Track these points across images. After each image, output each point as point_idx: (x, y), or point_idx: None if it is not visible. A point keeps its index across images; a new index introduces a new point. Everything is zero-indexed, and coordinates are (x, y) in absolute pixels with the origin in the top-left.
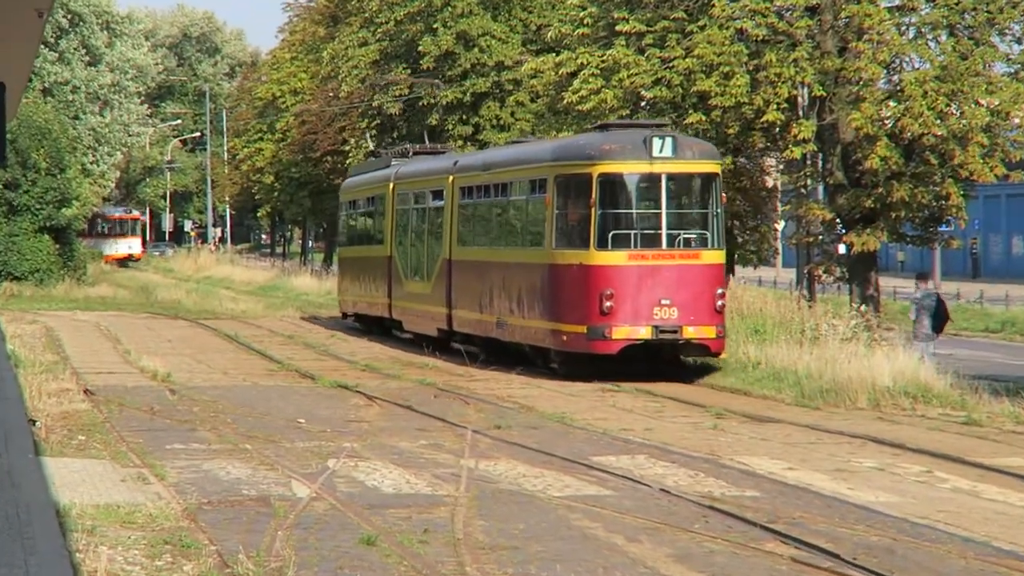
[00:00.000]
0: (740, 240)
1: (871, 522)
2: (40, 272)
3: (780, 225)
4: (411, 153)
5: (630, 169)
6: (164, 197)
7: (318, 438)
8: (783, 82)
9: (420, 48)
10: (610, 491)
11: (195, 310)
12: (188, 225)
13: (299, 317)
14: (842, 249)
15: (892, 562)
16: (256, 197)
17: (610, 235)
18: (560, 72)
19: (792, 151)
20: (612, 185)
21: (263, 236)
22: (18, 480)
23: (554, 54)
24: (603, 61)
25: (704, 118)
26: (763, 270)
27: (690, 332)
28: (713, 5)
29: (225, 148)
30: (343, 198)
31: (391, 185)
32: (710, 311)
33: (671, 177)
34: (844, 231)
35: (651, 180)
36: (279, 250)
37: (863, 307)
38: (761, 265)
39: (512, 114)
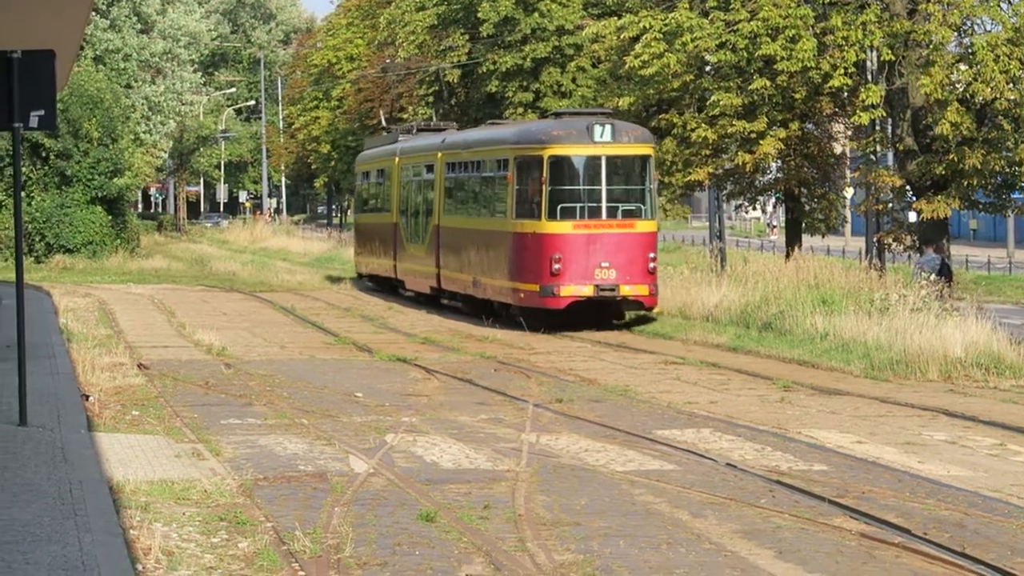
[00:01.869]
0: (807, 208)
1: (942, 496)
2: (93, 244)
3: (849, 192)
4: (415, 130)
5: (575, 152)
6: (218, 167)
7: (376, 412)
8: (850, 46)
9: (479, 14)
10: (674, 465)
11: (250, 282)
12: (243, 196)
13: (356, 289)
14: (912, 217)
15: (963, 537)
16: (312, 167)
17: (559, 208)
18: (622, 36)
19: (860, 117)
20: (560, 165)
21: (320, 206)
22: (71, 456)
23: (616, 18)
24: (666, 24)
25: (769, 83)
26: (831, 239)
27: (626, 290)
28: None
29: (280, 117)
30: (358, 169)
31: (397, 159)
32: (643, 272)
33: (610, 159)
34: (914, 198)
35: (593, 161)
36: (336, 221)
37: (933, 276)
38: (829, 233)
39: (573, 80)
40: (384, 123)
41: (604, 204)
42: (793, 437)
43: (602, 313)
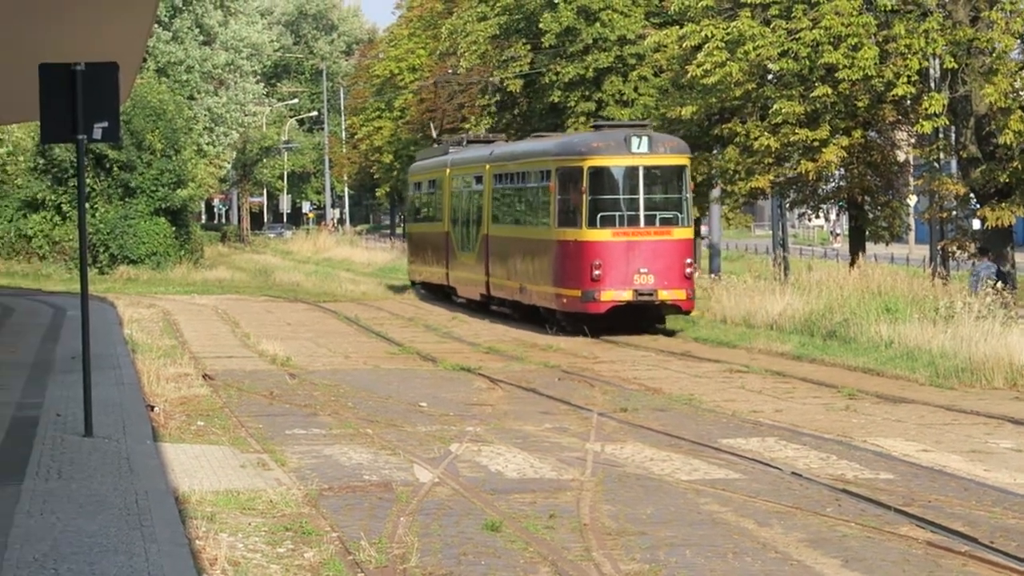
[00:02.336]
0: (871, 216)
1: (1008, 504)
2: (157, 255)
3: (912, 200)
4: (465, 142)
5: (614, 162)
6: (281, 178)
7: (440, 422)
8: (913, 54)
9: (540, 24)
10: (740, 474)
11: (314, 292)
12: (306, 206)
13: (419, 299)
14: (976, 224)
15: None
16: (375, 177)
17: (598, 216)
18: (684, 45)
19: (923, 125)
20: (599, 175)
21: (382, 216)
22: (137, 467)
23: (678, 27)
24: (728, 33)
25: (831, 91)
26: (895, 246)
27: (664, 295)
28: None
29: (343, 127)
30: (411, 180)
31: (448, 170)
32: (680, 277)
33: (647, 169)
34: (978, 206)
35: (631, 171)
36: (399, 231)
37: (999, 284)
38: (893, 241)
39: (635, 89)
40: (435, 135)
41: (642, 212)
42: (858, 445)
43: (641, 317)
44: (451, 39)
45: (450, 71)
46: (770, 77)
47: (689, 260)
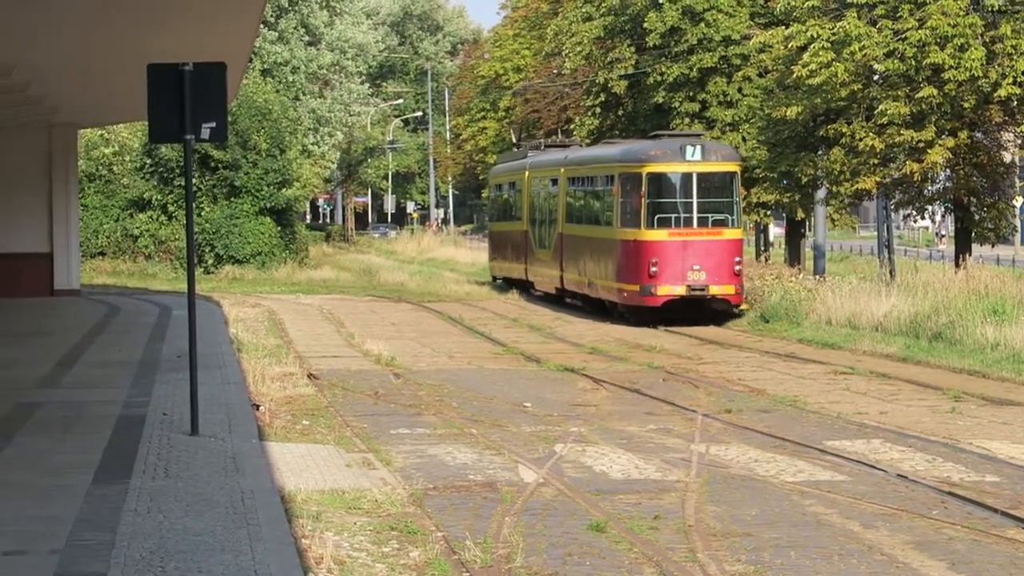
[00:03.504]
0: (977, 217)
1: None
2: (262, 255)
3: (1018, 201)
4: (543, 146)
5: (670, 169)
6: (386, 178)
7: (544, 422)
8: (1020, 54)
9: (645, 24)
10: (845, 476)
11: (418, 292)
12: (410, 206)
13: (523, 299)
14: None
15: None
16: (479, 177)
17: (656, 218)
18: (789, 46)
19: None
20: (657, 180)
21: (487, 217)
22: (242, 465)
23: (783, 27)
24: (834, 34)
25: (937, 92)
26: (1001, 248)
27: (715, 290)
28: None
29: (447, 127)
30: (491, 182)
31: (526, 173)
32: (730, 274)
33: (700, 175)
34: None
35: (685, 177)
36: None
37: None
38: (998, 243)
39: (740, 90)
40: (515, 140)
41: (695, 214)
42: (964, 448)
43: (696, 311)
44: (556, 40)
45: (555, 72)
46: (876, 78)
47: (738, 258)
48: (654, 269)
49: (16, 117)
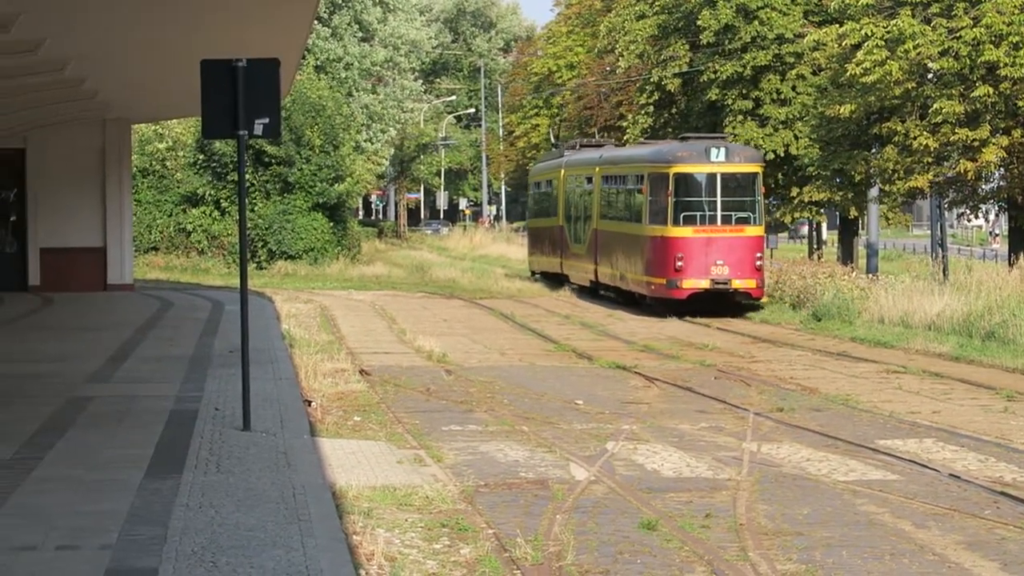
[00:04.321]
0: None
1: None
2: (314, 250)
3: None
4: (578, 146)
5: (695, 170)
6: (438, 174)
7: (596, 420)
8: None
9: (699, 22)
10: (897, 476)
11: (470, 289)
12: (463, 203)
13: (575, 296)
14: None
15: None
16: None
17: (682, 215)
18: (843, 44)
19: None
20: (683, 180)
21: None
22: (294, 461)
23: (837, 25)
24: (888, 32)
25: (992, 90)
26: None
27: (737, 284)
28: None
29: (500, 124)
30: (531, 180)
31: (562, 171)
32: (752, 269)
33: (724, 175)
34: None
35: (710, 177)
36: None
37: None
38: None
39: (793, 88)
40: (553, 141)
41: (719, 213)
42: (1017, 448)
43: (719, 303)
44: (609, 37)
45: (608, 69)
46: (930, 76)
47: (759, 254)
48: (680, 264)
49: (70, 112)
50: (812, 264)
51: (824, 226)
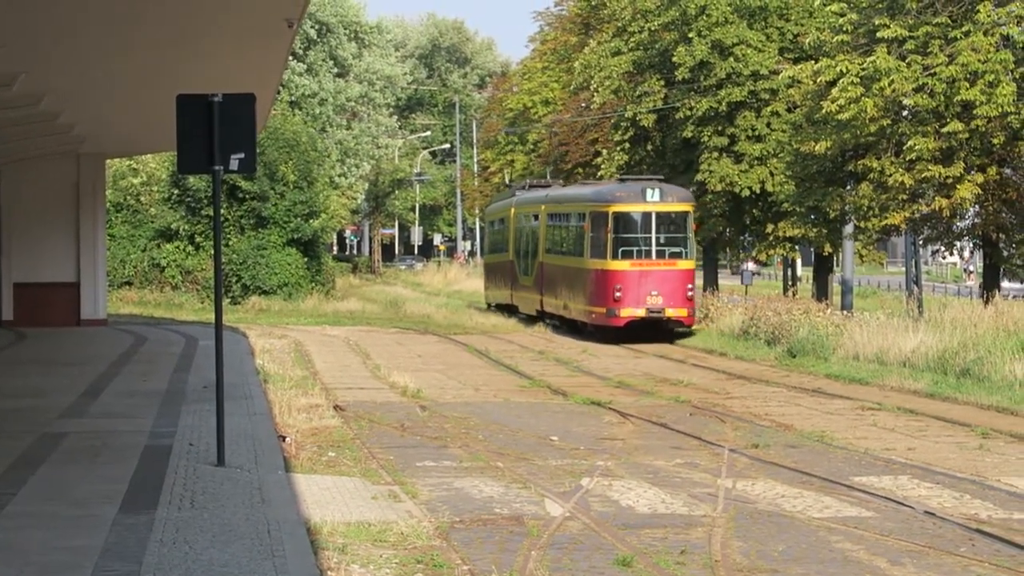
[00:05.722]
0: (1006, 253)
1: None
2: (288, 286)
3: None
4: (528, 186)
5: (633, 209)
6: (413, 210)
7: (571, 456)
8: None
9: (674, 58)
10: (872, 512)
11: (445, 325)
12: (437, 238)
13: (550, 332)
14: None
15: None
16: None
17: (620, 250)
18: (818, 80)
19: None
20: (621, 218)
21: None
22: (268, 497)
23: (812, 62)
24: (863, 68)
25: (964, 127)
26: None
27: (670, 312)
28: (978, 11)
29: (475, 160)
30: (485, 219)
31: (512, 210)
32: (683, 299)
33: (658, 214)
34: None
35: (645, 216)
36: None
37: None
38: None
39: (768, 124)
40: (507, 182)
41: (654, 248)
42: (992, 485)
43: (654, 330)
44: (585, 73)
45: (583, 105)
46: (905, 113)
47: (690, 285)
48: (618, 294)
49: (46, 146)
50: (787, 300)
51: (799, 262)
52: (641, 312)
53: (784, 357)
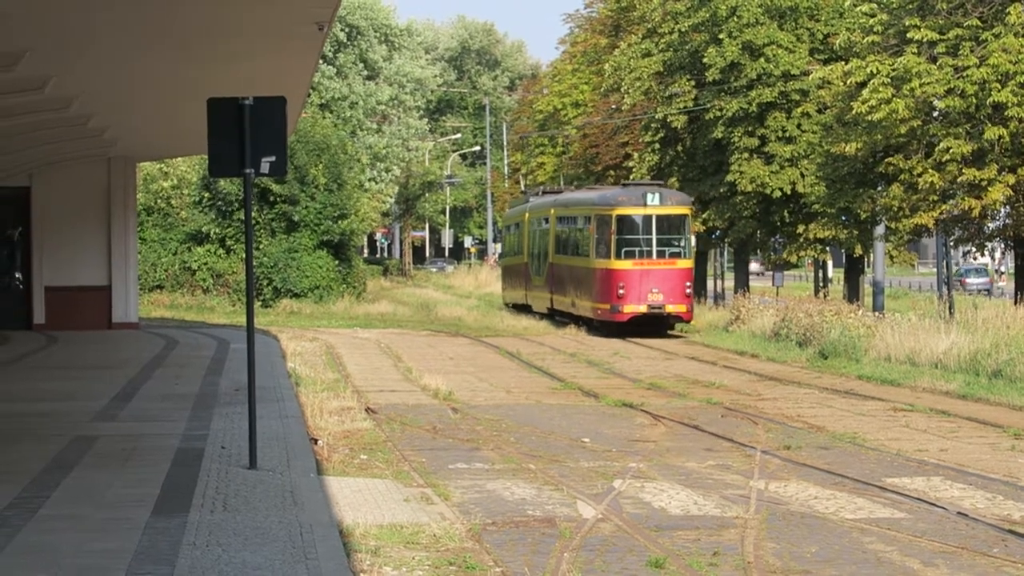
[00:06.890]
0: None
1: None
2: (319, 289)
3: None
4: (541, 192)
5: (634, 212)
6: (444, 212)
7: (603, 458)
8: None
9: (704, 59)
10: (904, 514)
11: (476, 327)
12: (468, 241)
13: (582, 333)
14: None
15: None
16: None
17: (623, 250)
18: (849, 81)
19: None
20: (624, 221)
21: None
22: (301, 499)
23: (843, 63)
24: (894, 70)
25: (1004, 131)
26: None
27: (670, 308)
28: (1008, 12)
29: (505, 162)
30: (502, 224)
31: (527, 214)
32: (682, 295)
33: (658, 216)
34: None
35: (646, 218)
36: None
37: None
38: None
39: (799, 125)
40: (523, 188)
41: (655, 248)
42: None
43: (656, 325)
44: (615, 75)
45: (613, 107)
46: (935, 114)
47: (688, 283)
48: (621, 292)
49: (76, 150)
50: (818, 302)
51: (830, 264)
52: (643, 308)
53: (815, 359)
